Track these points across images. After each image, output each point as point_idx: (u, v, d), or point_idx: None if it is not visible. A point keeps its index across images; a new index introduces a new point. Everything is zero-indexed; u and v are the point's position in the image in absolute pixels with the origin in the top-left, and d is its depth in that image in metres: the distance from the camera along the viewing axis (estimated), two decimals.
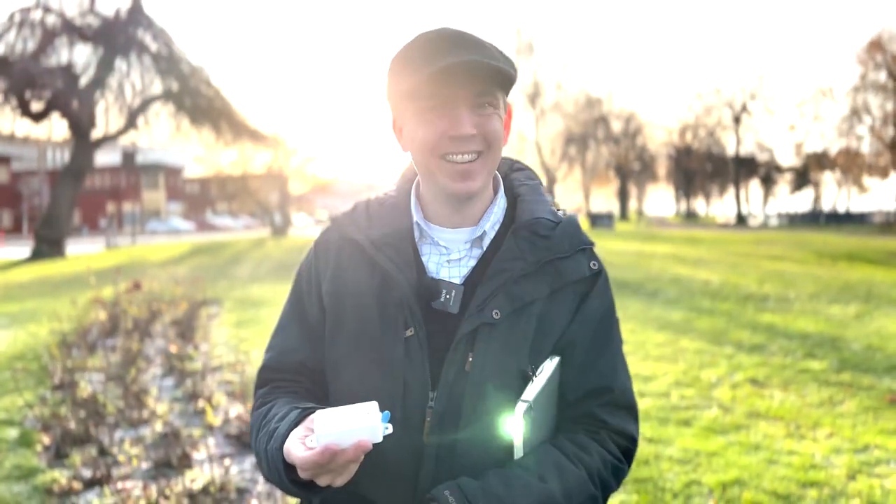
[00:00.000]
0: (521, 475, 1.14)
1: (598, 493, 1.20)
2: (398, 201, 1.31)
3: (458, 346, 1.18)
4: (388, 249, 1.24)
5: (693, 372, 6.54)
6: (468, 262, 1.26)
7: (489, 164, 1.21)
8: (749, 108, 64.88)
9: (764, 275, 15.37)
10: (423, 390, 1.18)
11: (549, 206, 1.31)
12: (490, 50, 1.18)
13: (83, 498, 3.78)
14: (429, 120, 1.18)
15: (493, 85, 1.18)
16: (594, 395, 1.25)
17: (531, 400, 1.15)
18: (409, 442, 1.17)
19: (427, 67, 1.14)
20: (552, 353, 1.23)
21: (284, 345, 1.33)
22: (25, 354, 7.46)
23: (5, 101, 26.01)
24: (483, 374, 1.17)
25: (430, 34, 1.18)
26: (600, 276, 1.29)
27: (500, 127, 1.21)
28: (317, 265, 1.33)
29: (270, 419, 1.20)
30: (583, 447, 1.21)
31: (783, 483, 3.92)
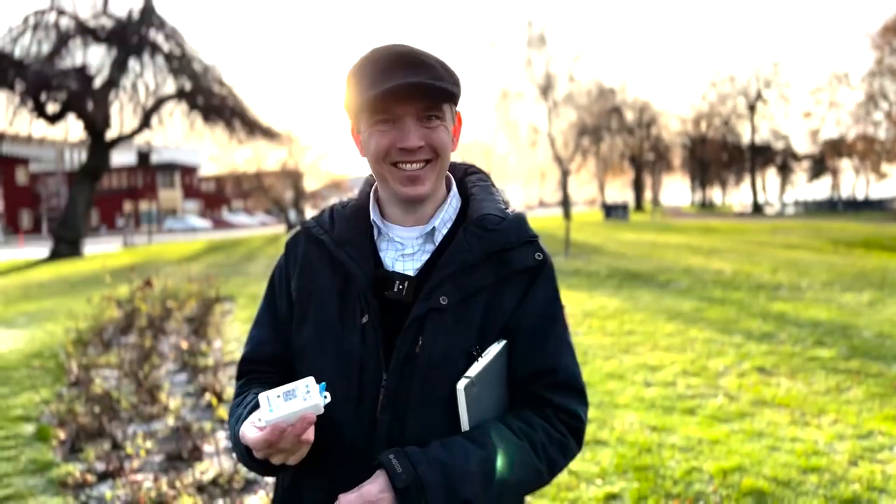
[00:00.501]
0: (462, 442, 1.23)
1: (543, 466, 1.28)
2: (359, 204, 1.44)
3: (409, 329, 1.28)
4: (348, 247, 1.36)
5: (701, 361, 6.55)
6: (421, 256, 1.36)
7: (437, 170, 1.32)
8: (764, 96, 64.32)
9: (778, 263, 15.29)
10: (377, 371, 1.28)
11: (498, 204, 1.42)
12: (436, 69, 1.28)
13: (96, 490, 3.88)
14: (381, 131, 1.29)
15: (438, 101, 1.28)
16: (539, 377, 1.34)
17: (473, 376, 1.24)
18: (363, 419, 1.28)
19: (377, 87, 1.24)
20: (500, 337, 1.32)
21: (259, 338, 1.46)
22: (42, 352, 7.61)
23: (22, 104, 26.30)
24: (431, 356, 1.27)
25: (381, 53, 1.29)
26: (545, 266, 1.38)
27: (446, 137, 1.31)
28: (286, 264, 1.45)
29: (240, 405, 1.32)
30: (527, 422, 1.30)
31: (784, 469, 3.95)
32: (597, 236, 26.58)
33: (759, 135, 66.39)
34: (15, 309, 11.43)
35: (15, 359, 7.40)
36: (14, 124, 27.02)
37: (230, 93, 29.63)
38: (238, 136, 30.68)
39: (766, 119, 66.53)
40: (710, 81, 76.49)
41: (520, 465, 1.24)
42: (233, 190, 56.00)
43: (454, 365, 1.27)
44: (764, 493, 3.64)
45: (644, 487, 3.72)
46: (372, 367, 1.28)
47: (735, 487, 3.71)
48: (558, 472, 1.33)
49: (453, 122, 1.35)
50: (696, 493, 3.66)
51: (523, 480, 1.27)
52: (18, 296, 13.51)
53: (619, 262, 16.46)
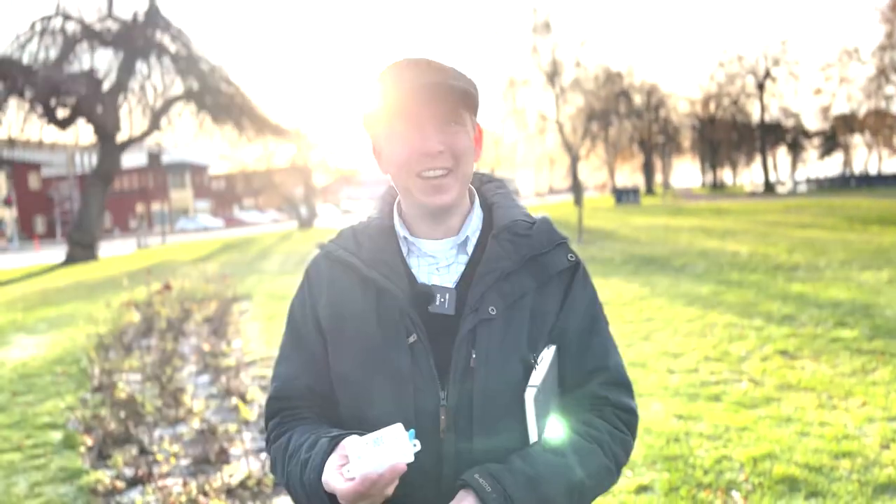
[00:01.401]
0: (541, 454, 1.22)
1: (612, 466, 1.29)
2: (382, 222, 1.39)
3: (461, 344, 1.26)
4: (380, 266, 1.32)
5: (722, 346, 6.51)
6: (457, 267, 1.34)
7: (460, 178, 1.30)
8: (773, 74, 63.68)
9: (794, 243, 15.17)
10: (433, 391, 1.25)
11: (523, 210, 1.41)
12: (451, 73, 1.28)
13: (127, 497, 3.90)
14: (401, 140, 1.27)
15: (457, 104, 1.27)
16: (592, 376, 1.35)
17: (538, 384, 1.23)
18: (427, 443, 1.22)
19: (396, 92, 1.24)
20: (548, 342, 1.32)
21: (288, 373, 1.39)
22: (64, 358, 7.67)
23: (32, 109, 26.42)
24: (487, 368, 1.25)
25: (398, 63, 1.29)
26: (579, 266, 1.39)
27: (467, 143, 1.29)
28: (310, 293, 1.39)
29: (296, 450, 1.26)
30: (591, 425, 1.30)
31: (815, 455, 3.91)
32: (609, 222, 26.48)
33: (768, 113, 65.81)
34: (35, 315, 11.51)
35: (38, 365, 7.46)
36: (25, 130, 27.17)
37: (238, 91, 29.66)
38: (247, 135, 30.74)
39: (776, 97, 65.92)
40: (717, 61, 75.89)
41: (596, 470, 1.25)
42: (243, 188, 56.20)
43: (511, 375, 1.25)
44: (797, 480, 3.61)
45: (674, 478, 3.70)
46: (427, 387, 1.25)
47: (767, 475, 3.68)
48: (622, 469, 1.34)
49: (474, 131, 1.34)
50: (727, 483, 3.63)
51: (599, 483, 1.27)
52: (38, 301, 13.61)
53: (634, 247, 16.39)
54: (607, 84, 56.55)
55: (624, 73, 60.15)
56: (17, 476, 4.30)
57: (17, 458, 4.62)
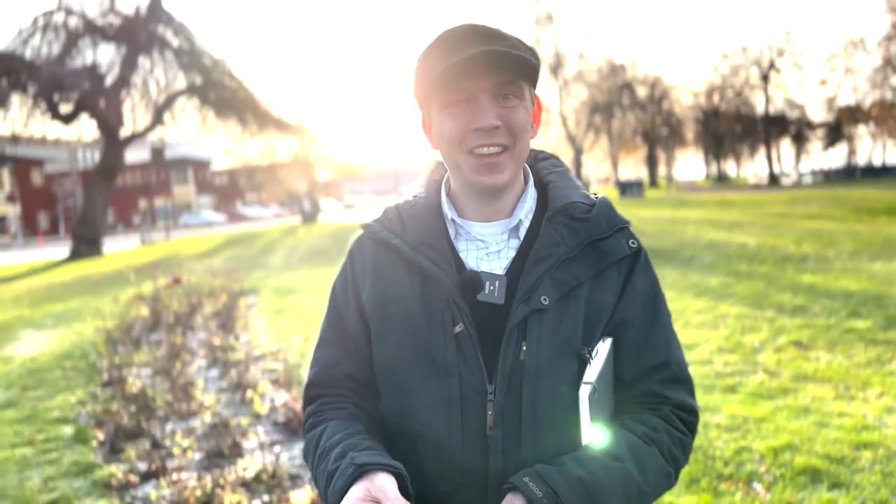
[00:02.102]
0: (597, 457, 1.13)
1: (672, 470, 1.21)
2: (429, 202, 1.31)
3: (511, 336, 1.17)
4: (426, 249, 1.24)
5: (735, 337, 6.47)
6: (507, 253, 1.25)
7: (516, 157, 1.21)
8: (777, 65, 63.37)
9: (801, 234, 15.09)
10: (480, 384, 1.17)
11: (582, 190, 1.32)
12: (511, 40, 1.18)
13: (141, 490, 3.87)
14: (454, 114, 1.18)
15: (517, 75, 1.17)
16: (652, 372, 1.25)
17: (594, 381, 1.15)
18: (473, 439, 1.17)
19: (449, 59, 1.14)
20: (604, 334, 1.23)
21: (328, 359, 1.32)
22: (73, 353, 7.64)
23: (35, 105, 26.44)
24: (539, 362, 1.17)
25: (452, 30, 1.19)
26: (640, 253, 1.29)
27: (525, 118, 1.20)
28: (353, 275, 1.32)
29: (325, 453, 1.19)
30: (650, 426, 1.21)
31: (836, 446, 3.87)
32: None
33: (773, 105, 65.48)
34: (42, 311, 11.50)
35: (47, 360, 7.43)
36: (28, 126, 27.17)
37: (241, 86, 29.63)
38: (250, 129, 30.73)
39: (780, 89, 65.56)
40: (721, 53, 75.49)
41: (654, 474, 1.17)
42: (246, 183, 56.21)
43: (564, 369, 1.17)
44: (818, 471, 3.57)
45: (695, 469, 3.65)
46: (474, 381, 1.17)
47: (788, 466, 3.63)
48: (681, 472, 1.25)
49: (532, 106, 1.24)
50: (748, 474, 3.59)
51: (657, 488, 1.18)
52: (44, 297, 13.60)
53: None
54: (610, 76, 56.34)
55: (627, 66, 59.88)
56: (31, 471, 4.28)
57: (30, 453, 4.59)
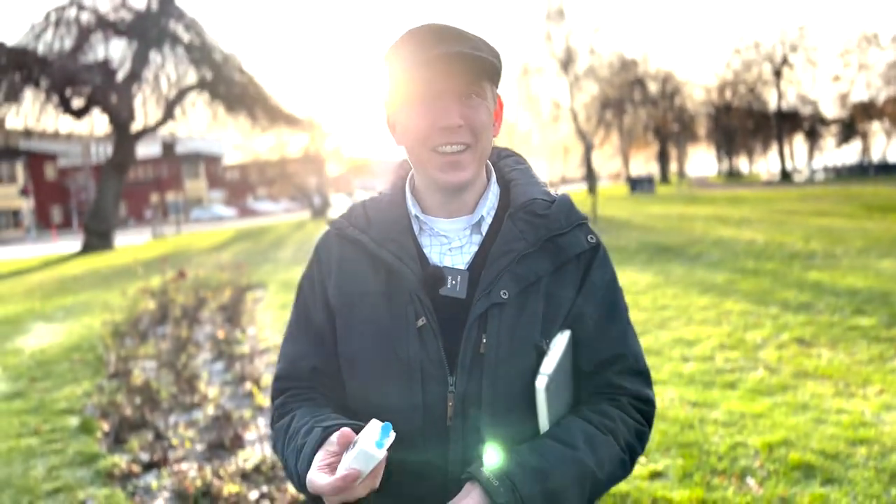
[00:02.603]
0: (553, 446, 1.17)
1: (627, 458, 1.25)
2: (394, 198, 1.34)
3: (471, 329, 1.21)
4: (390, 244, 1.27)
5: (738, 334, 6.47)
6: (470, 248, 1.28)
7: (478, 155, 1.24)
8: (790, 61, 62.91)
9: (810, 232, 15.02)
10: (441, 376, 1.20)
11: (543, 188, 1.35)
12: (474, 41, 1.21)
13: (143, 480, 3.93)
14: (419, 112, 1.21)
15: (480, 76, 1.20)
16: (609, 364, 1.28)
17: (550, 372, 1.18)
18: (433, 429, 1.20)
19: (414, 60, 1.17)
20: (563, 327, 1.26)
21: (295, 352, 1.35)
22: (81, 345, 7.73)
23: (48, 100, 26.65)
24: (498, 354, 1.20)
25: (417, 30, 1.21)
26: (599, 248, 1.33)
27: (487, 117, 1.23)
28: (319, 271, 1.35)
29: (295, 434, 1.22)
30: (606, 415, 1.24)
31: (831, 442, 3.88)
32: (623, 210, 26.34)
33: (785, 101, 65.04)
34: (52, 303, 11.63)
35: (55, 353, 7.53)
36: (41, 121, 27.39)
37: (251, 81, 29.74)
38: (260, 124, 30.84)
39: (793, 84, 65.14)
40: (734, 48, 74.98)
41: (609, 461, 1.20)
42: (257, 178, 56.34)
43: (523, 361, 1.20)
44: (812, 466, 3.58)
45: (689, 464, 3.68)
46: (435, 372, 1.20)
47: (782, 461, 3.65)
48: (637, 460, 1.29)
49: (494, 105, 1.27)
50: (742, 469, 3.61)
51: (612, 475, 1.22)
52: (55, 290, 13.74)
53: (648, 235, 16.30)
54: (622, 72, 56.10)
55: (639, 61, 59.64)
56: (36, 460, 4.35)
57: (36, 443, 4.67)
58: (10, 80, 25.70)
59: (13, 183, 55.47)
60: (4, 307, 11.70)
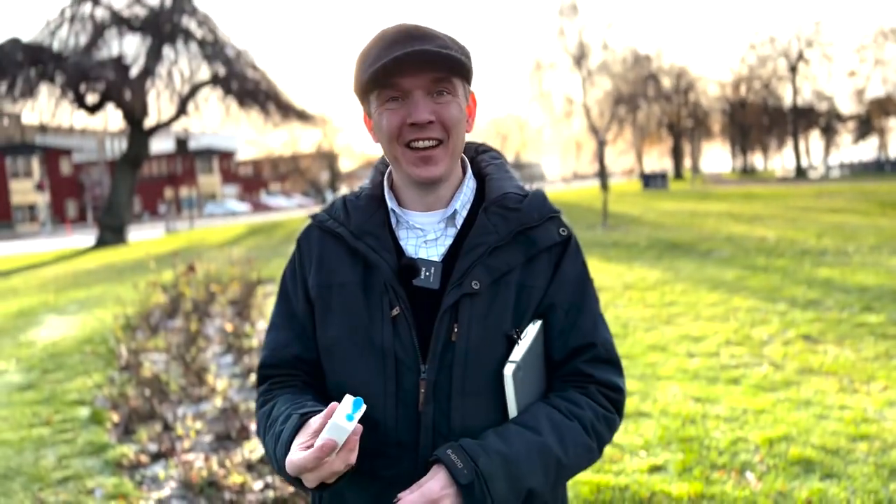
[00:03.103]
0: (517, 430, 1.21)
1: (594, 444, 1.28)
2: (373, 192, 1.38)
3: (443, 318, 1.25)
4: (367, 237, 1.31)
5: (744, 330, 6.47)
6: (444, 241, 1.32)
7: (450, 150, 1.27)
8: (806, 57, 62.42)
9: (823, 228, 14.94)
10: (414, 364, 1.25)
11: (516, 182, 1.38)
12: (443, 40, 1.24)
13: (150, 470, 4.00)
14: (391, 109, 1.24)
15: (448, 72, 1.23)
16: (578, 353, 1.32)
17: (518, 360, 1.22)
18: (406, 414, 1.25)
19: (382, 59, 1.20)
20: (534, 317, 1.30)
21: (277, 341, 1.40)
22: (93, 338, 7.83)
23: (63, 96, 26.87)
24: (469, 342, 1.24)
25: (387, 30, 1.25)
26: (570, 240, 1.35)
27: (458, 113, 1.26)
28: (300, 263, 1.40)
29: (275, 419, 1.27)
30: (573, 402, 1.28)
31: (832, 438, 3.89)
32: (635, 207, 26.26)
33: (801, 96, 64.54)
34: (66, 297, 11.77)
35: (68, 345, 7.63)
36: (56, 116, 27.64)
37: (263, 77, 29.87)
38: (273, 120, 30.96)
39: (809, 80, 64.60)
40: (749, 44, 74.40)
41: (574, 447, 1.24)
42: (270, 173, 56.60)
43: (493, 350, 1.25)
44: (812, 461, 3.60)
45: (689, 458, 3.70)
46: (408, 360, 1.25)
47: (782, 457, 3.66)
48: (605, 447, 1.32)
49: (466, 101, 1.31)
50: (742, 463, 3.63)
51: (578, 461, 1.26)
52: (69, 283, 13.89)
53: (659, 232, 16.26)
54: (635, 67, 55.80)
55: (652, 56, 59.26)
56: (46, 449, 4.43)
57: (47, 433, 4.75)
58: (26, 76, 25.94)
59: (29, 178, 55.99)
60: (19, 300, 11.85)
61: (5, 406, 5.49)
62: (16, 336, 8.45)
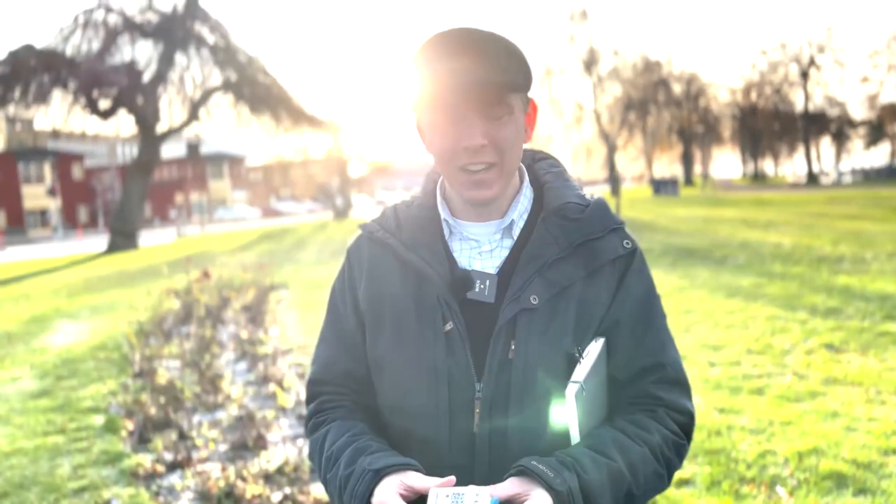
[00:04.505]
0: (589, 454, 1.13)
1: (663, 471, 1.20)
2: (425, 202, 1.32)
3: (499, 334, 1.18)
4: (419, 249, 1.26)
5: (765, 339, 6.37)
6: (500, 252, 1.26)
7: (505, 171, 1.20)
8: (817, 62, 62.19)
9: (839, 235, 14.80)
10: (468, 382, 1.19)
11: (577, 191, 1.30)
12: (500, 59, 1.15)
13: (167, 480, 3.95)
14: (443, 130, 1.18)
15: (503, 95, 1.16)
16: (646, 374, 1.24)
17: (581, 380, 1.14)
18: (460, 434, 1.18)
19: (435, 83, 1.14)
20: (597, 335, 1.22)
21: (327, 356, 1.36)
22: (107, 344, 7.81)
23: (75, 101, 26.98)
24: (527, 360, 1.17)
25: (441, 40, 1.16)
26: (636, 253, 1.28)
27: (513, 132, 1.18)
28: (350, 274, 1.35)
29: (334, 458, 1.21)
30: (642, 426, 1.20)
31: (863, 451, 3.79)
32: (647, 213, 26.14)
33: (812, 102, 64.29)
34: (79, 302, 11.77)
35: (81, 351, 7.61)
36: (69, 122, 27.78)
37: (274, 83, 29.92)
38: (283, 126, 31.02)
39: (820, 86, 64.41)
40: (759, 49, 74.18)
41: (644, 475, 1.16)
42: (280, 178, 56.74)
43: (552, 368, 1.17)
44: (844, 476, 3.50)
45: (716, 471, 3.61)
46: (462, 378, 1.19)
47: (813, 471, 3.57)
48: (674, 474, 1.25)
49: (525, 111, 1.23)
50: (771, 477, 3.54)
51: (648, 489, 1.18)
52: (80, 289, 13.90)
53: (672, 238, 16.15)
54: (646, 73, 55.70)
55: (663, 62, 59.20)
56: (61, 458, 4.39)
57: (61, 441, 4.71)
58: (40, 82, 26.05)
59: (41, 183, 56.35)
60: (32, 305, 11.86)
61: (20, 413, 5.46)
62: (29, 342, 8.44)
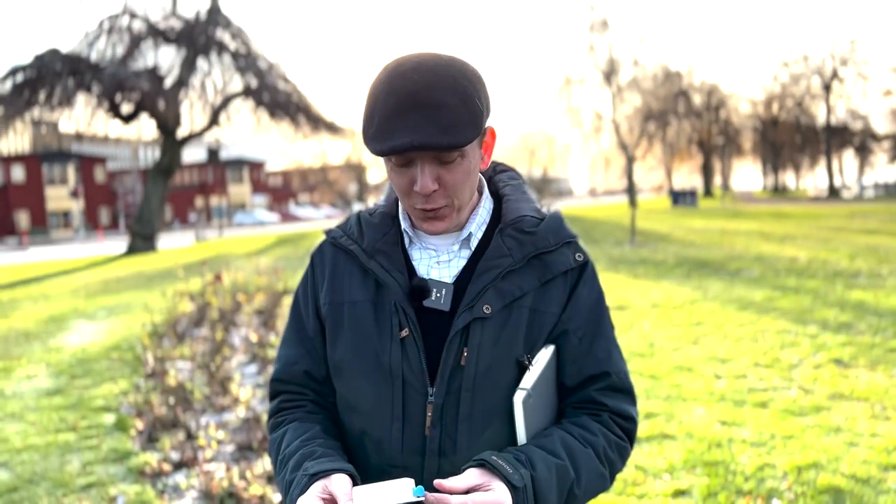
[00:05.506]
0: (536, 451, 1.18)
1: (606, 472, 1.25)
2: (387, 210, 1.36)
3: (452, 341, 1.22)
4: (379, 256, 1.29)
5: (773, 353, 6.35)
6: (458, 262, 1.30)
7: (457, 206, 1.24)
8: (840, 75, 61.60)
9: (856, 250, 14.67)
10: (422, 387, 1.23)
11: (533, 204, 1.35)
12: (453, 112, 1.13)
13: (172, 479, 4.02)
14: (396, 171, 1.20)
15: (457, 146, 1.14)
16: (592, 381, 1.29)
17: (529, 387, 1.19)
18: (412, 437, 1.23)
19: (381, 142, 1.14)
20: (547, 343, 1.27)
21: (288, 357, 1.39)
22: (121, 345, 7.93)
23: (98, 105, 27.40)
24: (478, 367, 1.22)
25: (393, 86, 1.14)
26: (587, 266, 1.33)
27: (465, 173, 1.20)
28: (313, 278, 1.39)
29: (285, 459, 1.25)
30: (588, 429, 1.26)
31: (863, 466, 3.79)
32: (664, 224, 26.04)
33: (835, 115, 63.64)
34: (95, 303, 11.94)
35: (96, 351, 7.73)
36: (92, 125, 28.20)
37: (294, 89, 30.21)
38: (303, 132, 31.29)
39: (843, 99, 63.70)
40: (782, 61, 73.52)
41: (587, 473, 1.21)
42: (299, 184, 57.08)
43: (503, 375, 1.22)
44: (841, 491, 3.51)
45: (714, 483, 3.63)
46: (416, 383, 1.23)
47: (810, 485, 3.58)
48: (616, 476, 1.30)
49: (482, 142, 1.24)
50: (768, 490, 3.55)
51: (591, 488, 1.23)
52: (98, 290, 14.10)
53: (688, 250, 16.09)
54: (666, 83, 55.48)
55: (683, 73, 58.96)
56: (72, 455, 4.48)
57: (72, 438, 4.81)
58: (65, 86, 26.49)
59: (64, 184, 57.08)
60: (51, 305, 12.05)
61: (33, 411, 5.57)
62: (46, 341, 8.59)
